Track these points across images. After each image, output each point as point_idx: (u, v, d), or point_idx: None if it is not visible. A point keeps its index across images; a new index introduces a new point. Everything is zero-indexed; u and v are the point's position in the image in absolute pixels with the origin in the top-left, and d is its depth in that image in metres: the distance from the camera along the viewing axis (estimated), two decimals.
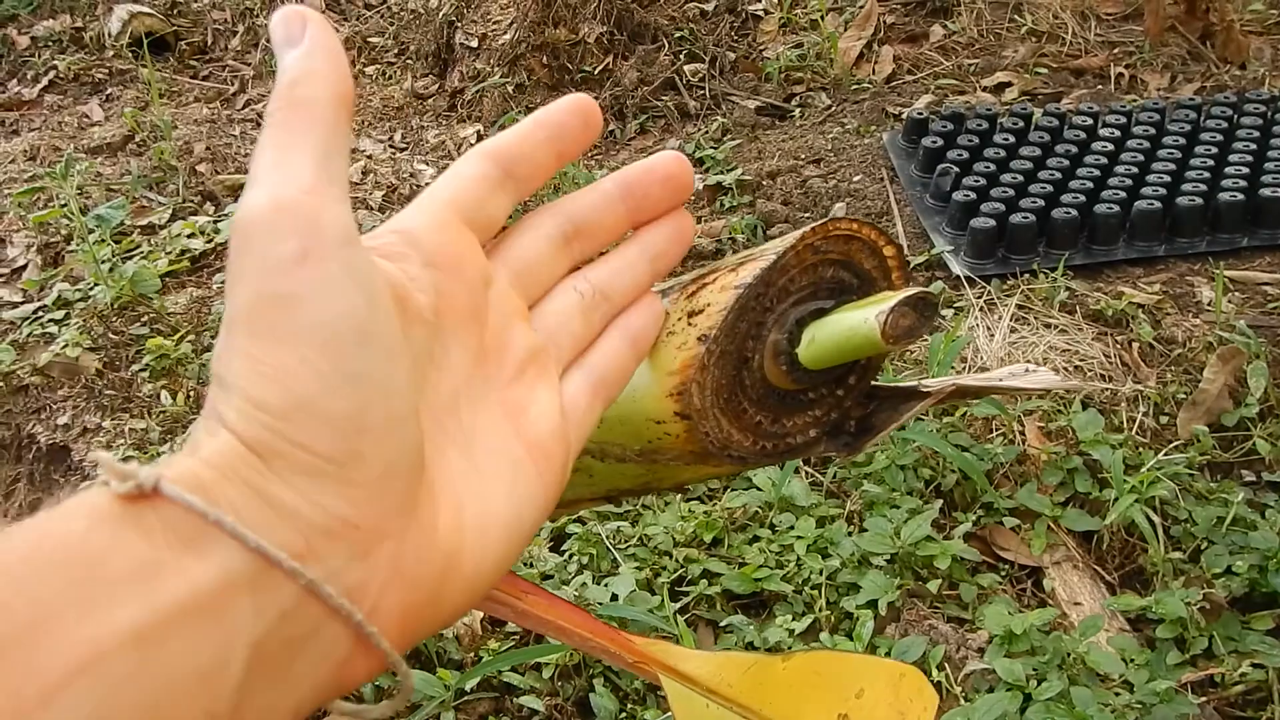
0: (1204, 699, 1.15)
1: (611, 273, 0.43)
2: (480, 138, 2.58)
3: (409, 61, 3.04)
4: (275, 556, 0.28)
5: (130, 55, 3.22)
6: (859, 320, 0.53)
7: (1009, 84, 2.46)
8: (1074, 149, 2.04)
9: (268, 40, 3.21)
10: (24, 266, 2.24)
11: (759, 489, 1.41)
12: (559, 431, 0.39)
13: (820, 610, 1.25)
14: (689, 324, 0.55)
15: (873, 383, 0.61)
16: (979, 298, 1.73)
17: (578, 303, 0.41)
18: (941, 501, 1.39)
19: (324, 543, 0.29)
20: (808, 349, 0.55)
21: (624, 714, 1.16)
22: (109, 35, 3.31)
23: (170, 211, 2.34)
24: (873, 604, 1.24)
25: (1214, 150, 1.99)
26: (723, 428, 0.56)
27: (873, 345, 0.53)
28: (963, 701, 1.13)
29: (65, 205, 2.10)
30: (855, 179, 2.16)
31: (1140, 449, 1.43)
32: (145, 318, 1.95)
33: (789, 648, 1.19)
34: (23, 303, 2.11)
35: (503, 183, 0.39)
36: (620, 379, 0.43)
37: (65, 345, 1.87)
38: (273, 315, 0.30)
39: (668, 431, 0.56)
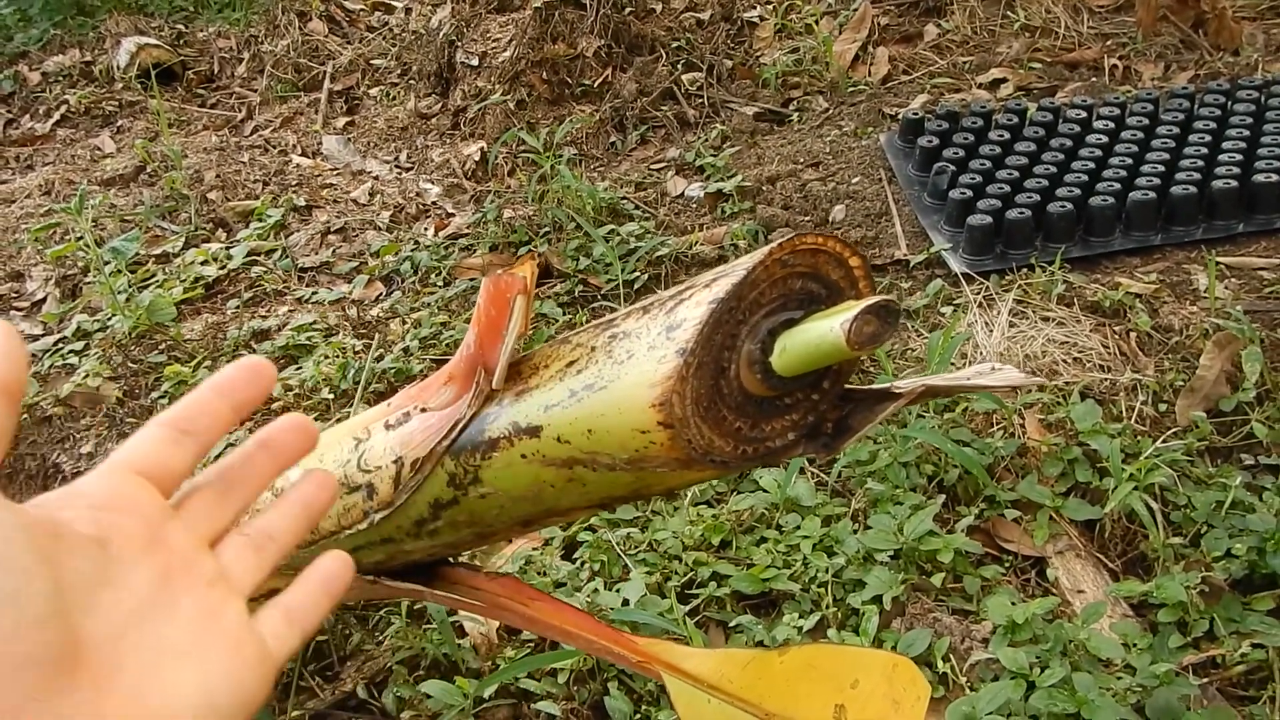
0: (1206, 680, 1.17)
1: (274, 518, 0.49)
2: (484, 154, 2.63)
3: (411, 82, 3.09)
4: None
5: (139, 87, 3.29)
6: (826, 329, 0.56)
7: (1004, 80, 2.49)
8: (1069, 142, 2.06)
9: (273, 67, 3.27)
10: (43, 300, 2.29)
11: (765, 491, 1.44)
12: (250, 635, 0.45)
13: (827, 607, 1.28)
14: (668, 338, 0.58)
15: (846, 386, 0.64)
16: (978, 294, 1.76)
17: (245, 542, 0.48)
18: (944, 496, 1.41)
19: None
20: (780, 357, 0.58)
21: (638, 716, 1.19)
22: (118, 68, 3.37)
23: (183, 240, 2.39)
24: (878, 599, 1.27)
25: (1208, 138, 2.01)
26: (704, 434, 0.60)
27: (840, 352, 0.56)
28: (968, 691, 1.16)
29: (81, 239, 2.15)
30: (854, 180, 2.19)
31: (1139, 437, 1.45)
32: (163, 345, 2.00)
33: (798, 645, 1.22)
34: (43, 335, 2.16)
35: (179, 439, 0.46)
36: (314, 613, 0.49)
37: (86, 375, 1.91)
38: None
39: (653, 440, 0.59)
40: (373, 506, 0.74)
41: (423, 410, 0.71)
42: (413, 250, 2.24)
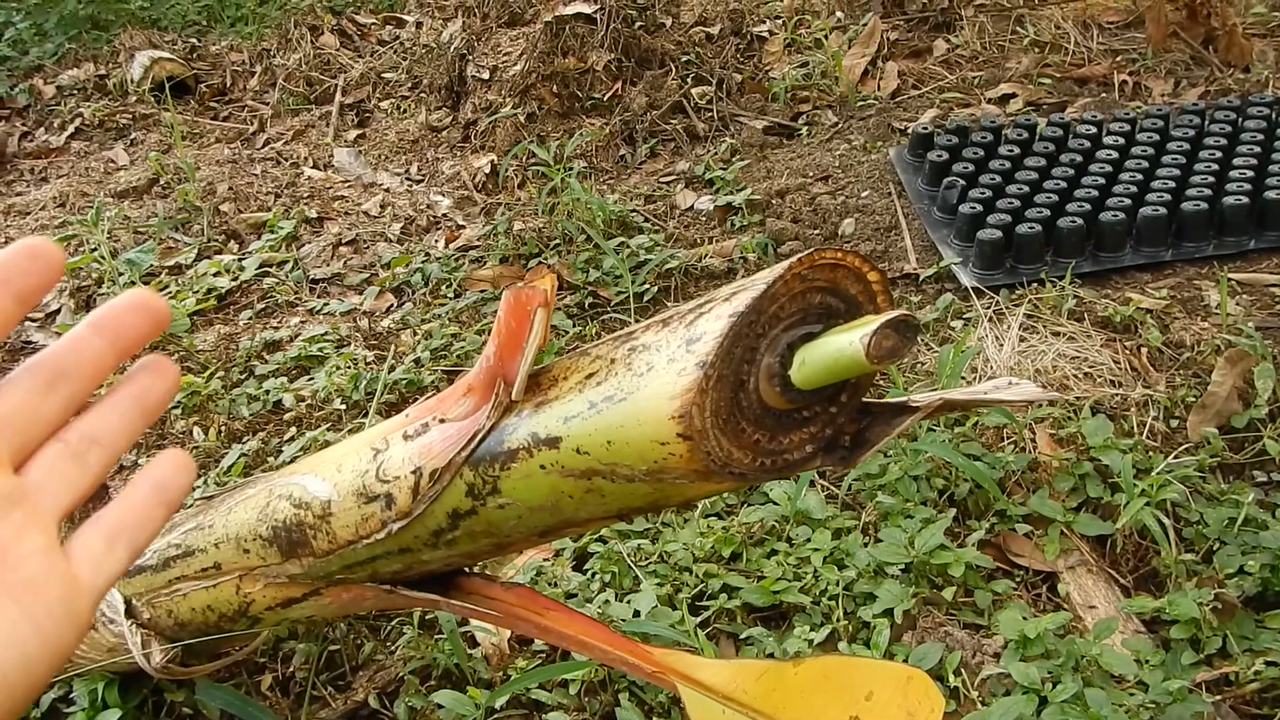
0: (1219, 698, 1.16)
1: (98, 418, 0.42)
2: (494, 167, 2.64)
3: (422, 95, 3.10)
4: None
5: (152, 100, 3.31)
6: (845, 343, 0.56)
7: (1013, 95, 2.49)
8: (1079, 157, 2.07)
9: (285, 80, 3.29)
10: (58, 310, 2.30)
11: (775, 503, 1.44)
12: (53, 571, 0.38)
13: (838, 620, 1.28)
14: (688, 351, 0.59)
15: (864, 399, 0.64)
16: (988, 308, 1.76)
17: (63, 451, 0.41)
18: (955, 510, 1.41)
19: None
20: (799, 371, 0.59)
21: None
22: (131, 81, 3.39)
23: (196, 251, 2.40)
24: (889, 613, 1.27)
25: (1218, 154, 2.02)
26: (723, 447, 0.60)
27: (859, 366, 0.57)
28: (979, 706, 1.16)
29: (96, 250, 2.17)
30: (863, 194, 2.19)
31: (1151, 453, 1.45)
32: (175, 356, 2.01)
33: (812, 657, 1.22)
34: None
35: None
36: (145, 526, 0.42)
37: (100, 385, 1.92)
38: None
39: (672, 452, 0.60)
40: (391, 516, 0.75)
41: (441, 421, 0.72)
42: (423, 262, 2.25)
